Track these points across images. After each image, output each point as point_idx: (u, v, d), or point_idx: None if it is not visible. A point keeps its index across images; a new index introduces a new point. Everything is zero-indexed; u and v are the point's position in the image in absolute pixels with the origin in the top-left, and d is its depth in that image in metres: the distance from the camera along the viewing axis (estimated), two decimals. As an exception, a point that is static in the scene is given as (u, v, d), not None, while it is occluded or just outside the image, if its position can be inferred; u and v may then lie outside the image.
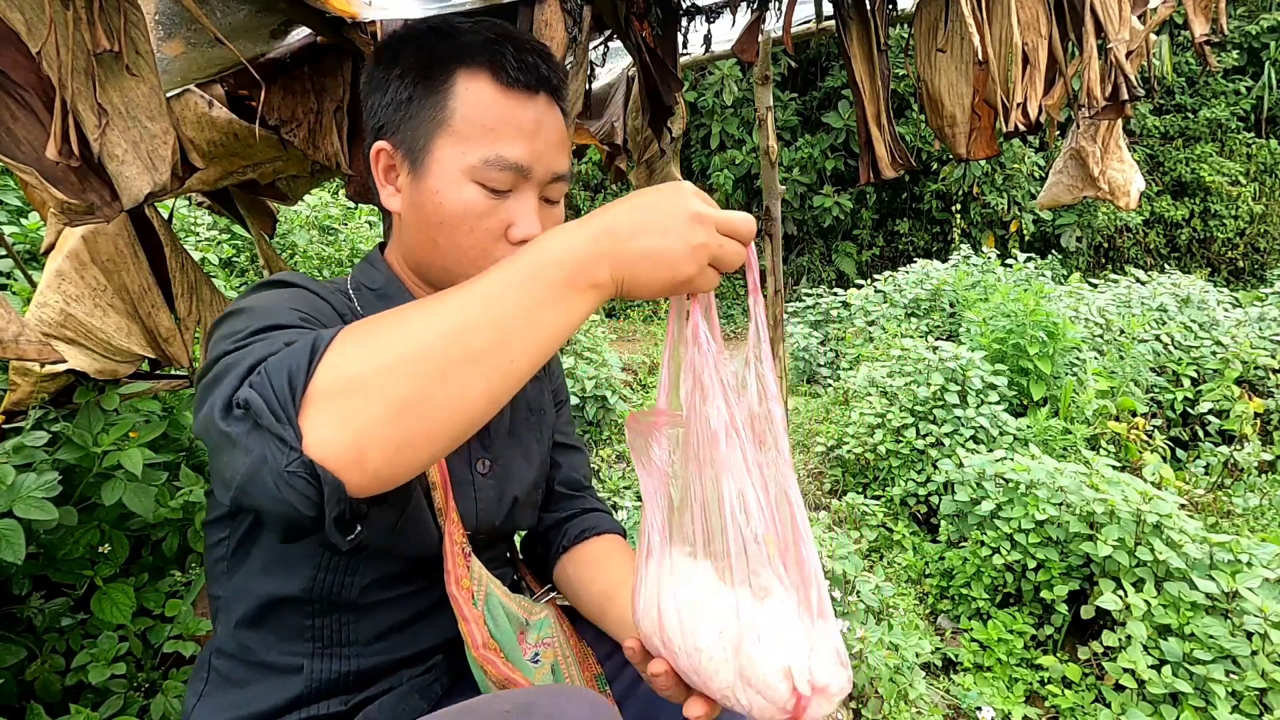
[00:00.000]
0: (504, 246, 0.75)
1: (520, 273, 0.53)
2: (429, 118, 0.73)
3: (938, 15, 1.43)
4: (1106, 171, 1.59)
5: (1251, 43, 9.28)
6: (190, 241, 2.77)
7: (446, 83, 0.72)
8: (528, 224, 0.75)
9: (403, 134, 0.75)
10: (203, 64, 1.14)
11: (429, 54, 0.74)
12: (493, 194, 0.73)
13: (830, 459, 3.70)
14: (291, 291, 0.72)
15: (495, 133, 0.72)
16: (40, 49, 0.80)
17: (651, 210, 0.56)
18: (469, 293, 0.53)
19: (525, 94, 0.74)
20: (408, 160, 0.75)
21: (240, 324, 0.62)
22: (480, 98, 0.72)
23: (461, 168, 0.72)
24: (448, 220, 0.74)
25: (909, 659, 1.97)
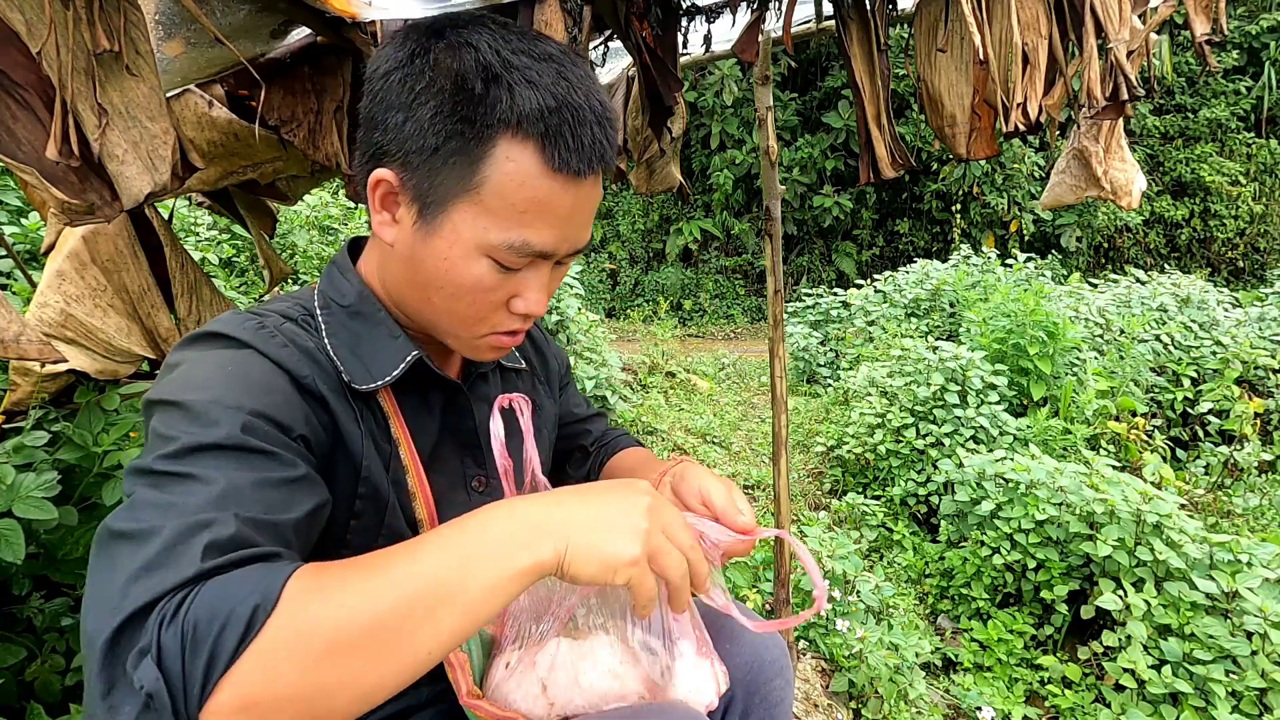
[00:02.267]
0: (502, 314, 0.70)
1: (464, 569, 0.52)
2: (455, 177, 0.63)
3: (938, 15, 1.43)
4: (1109, 171, 1.59)
5: (1251, 43, 9.29)
6: (190, 241, 2.77)
7: (485, 145, 0.61)
8: (534, 300, 0.69)
9: (417, 177, 0.64)
10: (203, 64, 1.14)
11: (473, 101, 0.61)
12: (504, 270, 0.66)
13: (830, 459, 3.71)
14: (235, 365, 0.62)
15: (526, 216, 0.63)
16: (40, 49, 0.80)
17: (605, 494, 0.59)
18: (407, 591, 0.50)
19: (573, 178, 0.64)
20: (416, 205, 0.65)
21: (171, 430, 0.56)
22: (520, 176, 0.62)
23: (479, 243, 0.64)
24: (450, 288, 0.67)
25: (909, 659, 1.97)
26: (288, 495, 0.57)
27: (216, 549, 0.49)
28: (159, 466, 0.53)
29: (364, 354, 0.71)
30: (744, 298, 10.36)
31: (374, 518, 0.70)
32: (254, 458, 0.56)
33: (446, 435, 0.79)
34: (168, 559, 0.48)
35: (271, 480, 0.56)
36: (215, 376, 0.60)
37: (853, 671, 1.96)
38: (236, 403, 0.58)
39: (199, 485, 0.53)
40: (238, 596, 0.47)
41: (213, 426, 0.56)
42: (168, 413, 0.57)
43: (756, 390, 5.62)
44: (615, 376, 4.14)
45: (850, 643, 2.02)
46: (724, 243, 10.77)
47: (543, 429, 0.96)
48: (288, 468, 0.58)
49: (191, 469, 0.53)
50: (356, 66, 1.30)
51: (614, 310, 10.64)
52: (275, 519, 0.55)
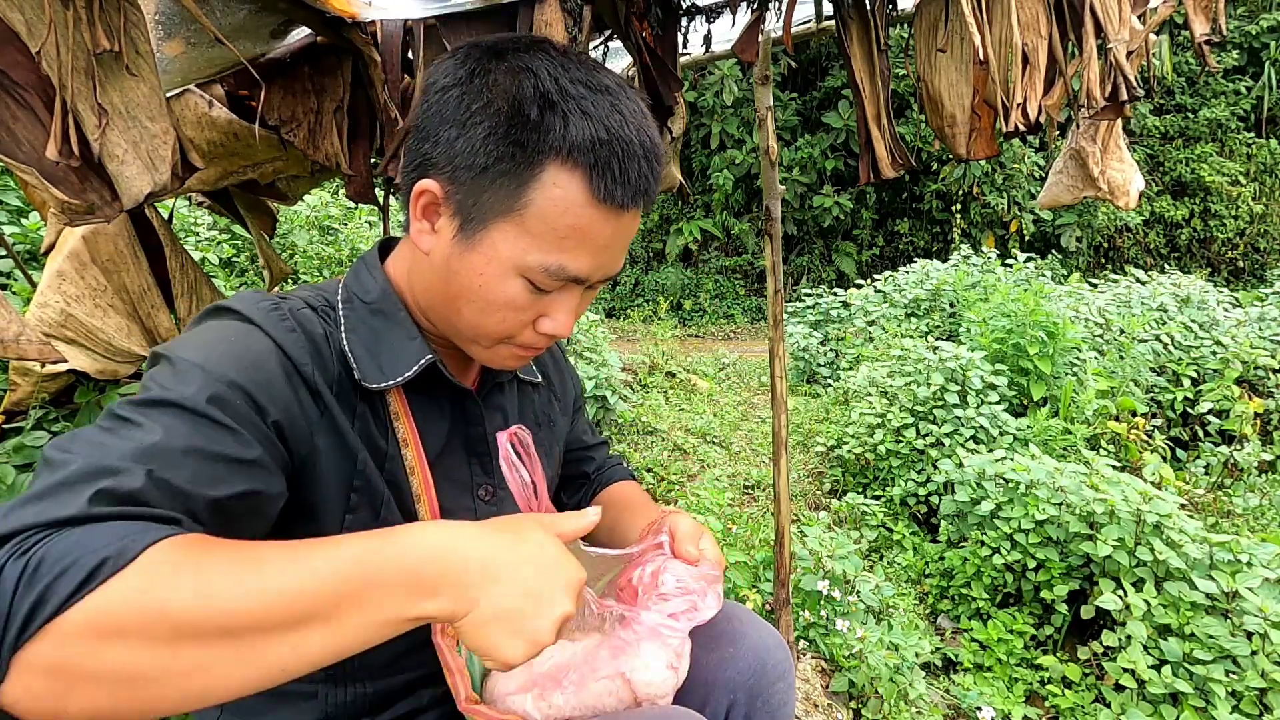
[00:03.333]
0: (528, 332, 0.71)
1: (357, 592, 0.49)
2: (500, 197, 0.64)
3: (938, 15, 1.43)
4: (1106, 171, 1.59)
5: (1251, 43, 9.29)
6: (190, 241, 2.77)
7: (534, 169, 0.63)
8: (562, 323, 0.71)
9: (462, 192, 0.65)
10: (203, 64, 1.14)
11: (528, 126, 0.62)
12: (537, 291, 0.68)
13: (830, 459, 3.71)
14: (235, 337, 0.63)
15: (567, 242, 0.65)
16: (40, 49, 0.80)
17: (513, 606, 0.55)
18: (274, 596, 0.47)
19: (616, 210, 0.65)
20: (457, 219, 0.67)
21: (150, 380, 0.58)
22: (565, 203, 0.63)
23: (517, 264, 0.65)
24: (482, 303, 0.68)
25: (909, 659, 1.97)
26: (221, 472, 0.56)
27: (109, 497, 0.48)
28: (120, 410, 0.55)
29: (379, 352, 0.72)
30: (744, 298, 10.36)
31: (369, 513, 0.71)
32: (206, 425, 0.56)
33: (456, 440, 0.80)
34: (58, 493, 0.48)
35: (210, 453, 0.55)
36: (211, 343, 0.62)
37: (853, 671, 1.96)
38: (218, 370, 0.59)
39: (136, 433, 0.53)
40: (93, 546, 0.44)
41: (183, 385, 0.57)
42: (158, 365, 0.60)
43: (756, 390, 5.62)
44: (615, 376, 4.14)
45: (850, 643, 2.02)
46: (724, 243, 10.77)
47: (554, 446, 0.96)
48: (239, 447, 0.57)
49: (142, 418, 0.54)
50: (356, 66, 1.30)
51: (614, 310, 10.65)
52: (192, 490, 0.53)
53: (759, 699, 0.84)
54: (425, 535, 0.53)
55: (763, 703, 0.84)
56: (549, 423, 0.96)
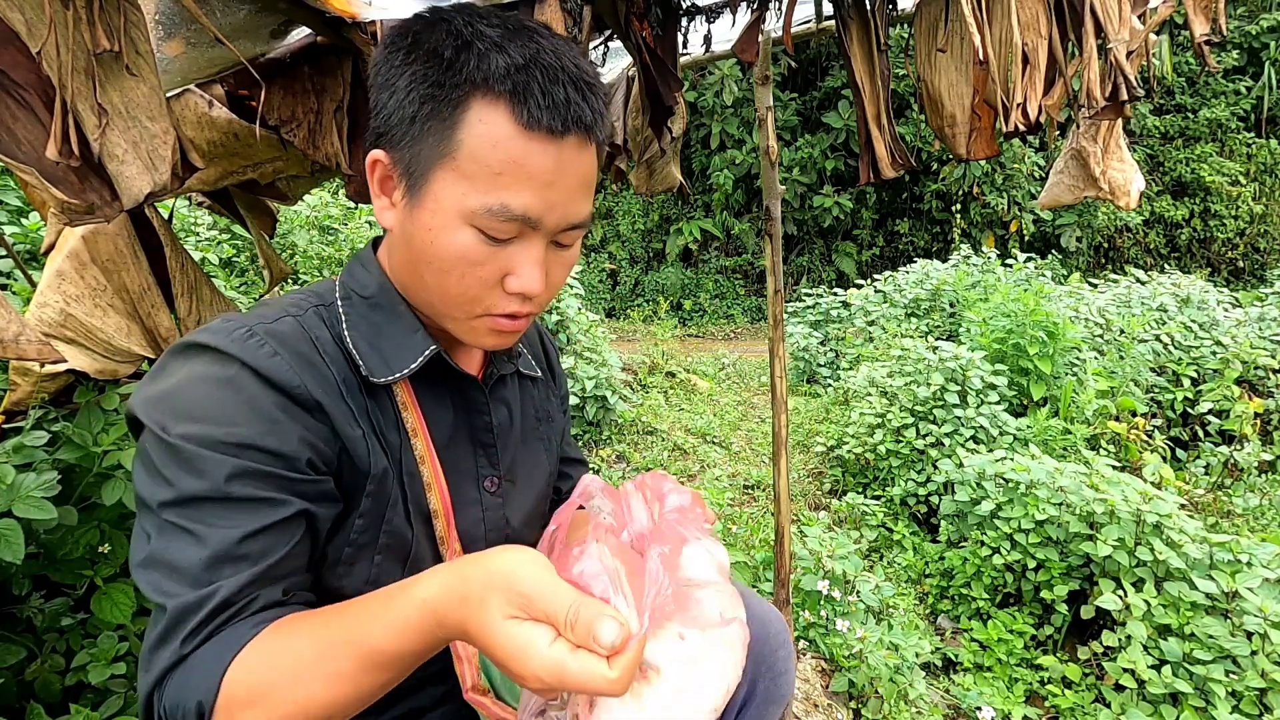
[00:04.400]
0: (497, 294, 0.68)
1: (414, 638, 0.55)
2: (432, 144, 0.63)
3: (938, 15, 1.43)
4: (1107, 171, 1.59)
5: (1251, 43, 9.29)
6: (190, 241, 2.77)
7: (458, 109, 0.62)
8: (529, 276, 0.67)
9: (403, 151, 0.65)
10: (203, 64, 1.14)
11: (444, 67, 0.62)
12: (492, 241, 0.65)
13: (830, 459, 3.71)
14: (221, 389, 0.61)
15: (503, 179, 0.62)
16: (40, 49, 0.80)
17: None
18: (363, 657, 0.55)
19: (548, 137, 0.62)
20: (405, 181, 0.66)
21: (167, 470, 0.59)
22: (493, 136, 0.61)
23: (459, 210, 0.63)
24: (437, 261, 0.66)
25: (909, 659, 1.97)
26: (275, 536, 0.61)
27: (200, 627, 0.57)
28: (163, 515, 0.59)
29: (383, 346, 0.71)
30: (744, 298, 10.36)
31: (375, 515, 0.70)
32: (238, 506, 0.60)
33: (462, 431, 0.79)
34: (167, 638, 0.57)
35: (258, 529, 0.60)
36: (200, 403, 0.61)
37: (853, 671, 1.96)
38: (225, 439, 0.59)
39: (193, 544, 0.58)
40: (190, 690, 0.55)
41: (199, 476, 0.59)
42: (161, 447, 0.60)
43: (756, 390, 5.62)
44: (615, 376, 4.14)
45: (850, 643, 2.02)
46: (724, 243, 10.77)
47: (554, 440, 0.96)
48: (276, 509, 0.61)
49: (186, 523, 0.58)
50: (356, 66, 1.30)
51: (614, 310, 10.65)
52: (263, 566, 0.60)
53: (763, 665, 0.86)
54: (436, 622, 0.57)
55: (767, 668, 0.86)
56: (548, 418, 0.95)
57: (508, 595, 0.51)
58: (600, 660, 0.48)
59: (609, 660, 0.48)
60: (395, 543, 0.71)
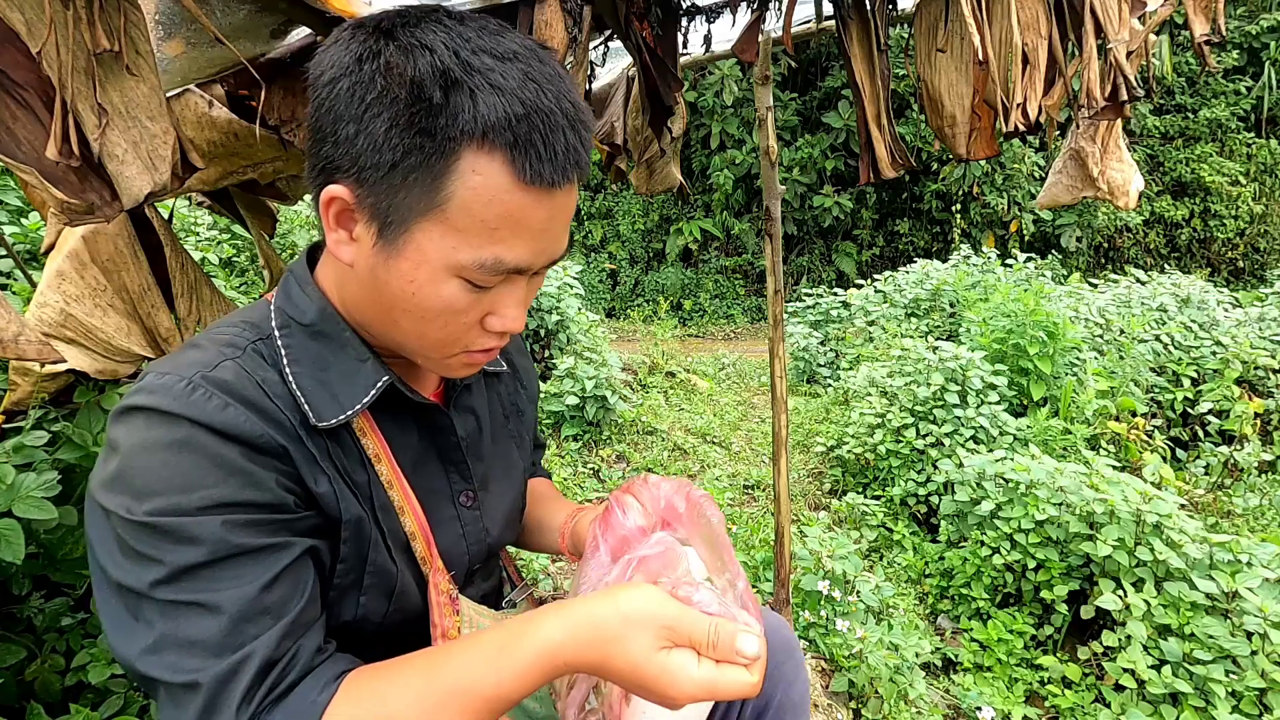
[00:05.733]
0: (476, 333, 0.65)
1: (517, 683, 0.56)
2: (416, 194, 0.57)
3: (938, 15, 1.43)
4: (1106, 171, 1.59)
5: (1251, 43, 9.29)
6: (190, 241, 2.77)
7: (448, 159, 0.56)
8: (512, 317, 0.65)
9: (376, 195, 0.58)
10: (203, 64, 1.14)
11: (432, 112, 0.55)
12: (476, 289, 0.61)
13: (830, 459, 3.71)
14: (177, 456, 0.56)
15: (499, 233, 0.58)
16: (40, 49, 0.80)
17: (643, 688, 0.57)
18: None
19: (546, 190, 0.58)
20: (376, 224, 0.59)
21: (149, 550, 0.54)
22: (489, 190, 0.56)
23: (448, 263, 0.59)
24: (418, 311, 0.62)
25: (909, 659, 1.97)
26: (291, 582, 0.59)
27: (250, 691, 0.53)
28: (158, 595, 0.54)
29: (331, 381, 0.66)
30: (744, 298, 10.36)
31: (357, 557, 0.67)
32: (246, 559, 0.56)
33: (429, 452, 0.77)
34: (213, 711, 0.52)
35: (271, 579, 0.57)
36: (160, 474, 0.55)
37: (853, 671, 1.96)
38: (200, 504, 0.55)
39: (206, 615, 0.54)
40: None
41: (191, 543, 0.54)
42: (135, 530, 0.54)
43: (756, 390, 5.62)
44: (615, 376, 4.14)
45: (850, 643, 2.02)
46: (724, 243, 10.77)
47: (525, 434, 0.94)
48: (282, 553, 0.58)
49: (191, 596, 0.54)
50: (356, 66, 1.29)
51: (614, 310, 10.65)
52: (291, 616, 0.57)
53: (774, 675, 0.88)
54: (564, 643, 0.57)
55: (779, 677, 0.88)
56: (517, 412, 0.93)
57: (654, 630, 0.55)
58: (743, 669, 0.56)
59: (749, 668, 0.56)
60: (380, 580, 0.69)
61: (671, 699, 0.54)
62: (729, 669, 0.55)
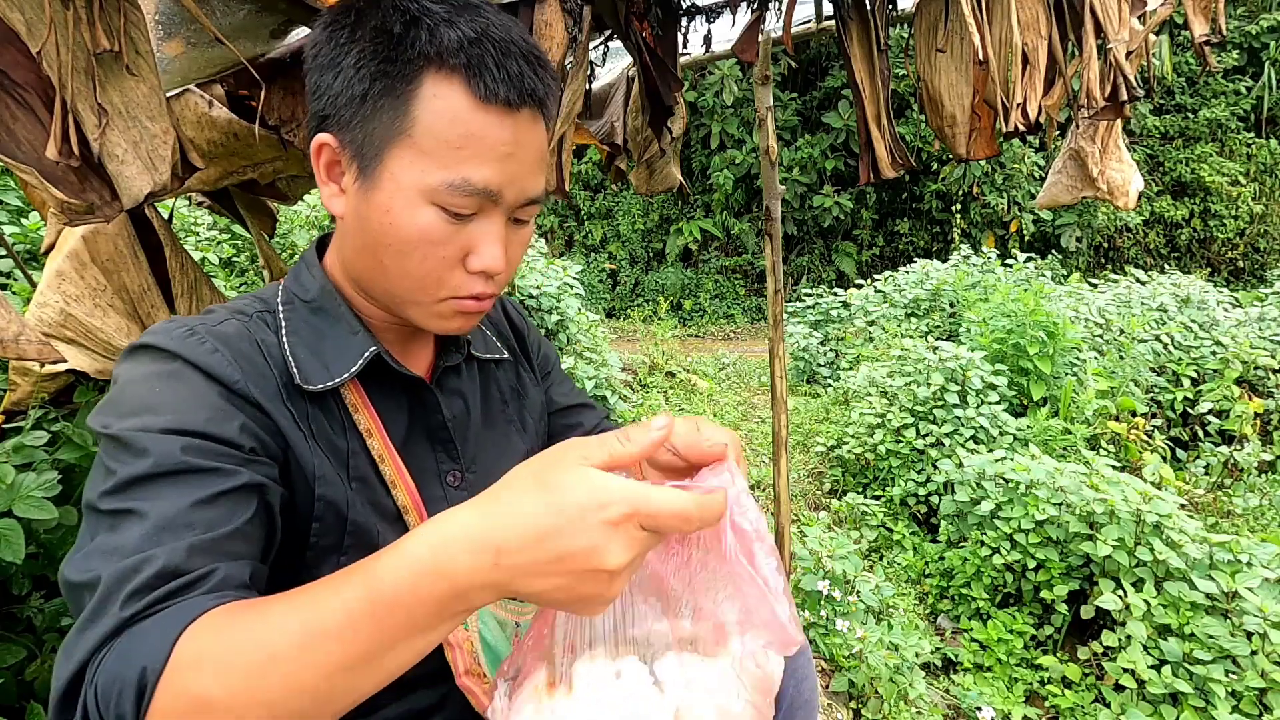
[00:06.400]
0: (460, 274, 0.68)
1: (386, 606, 0.47)
2: (386, 122, 0.62)
3: (938, 15, 1.43)
4: (1105, 172, 1.59)
5: (1251, 43, 9.29)
6: (190, 241, 2.77)
7: (411, 84, 0.62)
8: (490, 254, 0.67)
9: (353, 132, 0.64)
10: (203, 64, 1.14)
11: (393, 42, 0.62)
12: (453, 218, 0.64)
13: (830, 459, 3.71)
14: (162, 382, 0.60)
15: (463, 152, 0.62)
16: (40, 49, 0.80)
17: (552, 544, 0.46)
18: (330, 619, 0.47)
19: (504, 110, 0.63)
20: (356, 163, 0.65)
21: (111, 462, 0.56)
22: (449, 110, 0.62)
23: (419, 188, 0.63)
24: (397, 243, 0.65)
25: (909, 659, 1.97)
26: (228, 507, 0.57)
27: (140, 591, 0.50)
28: (101, 505, 0.54)
29: (323, 351, 0.70)
30: (744, 298, 10.36)
31: (335, 516, 0.68)
32: (188, 477, 0.56)
33: (418, 430, 0.78)
34: (101, 610, 0.49)
35: (206, 497, 0.56)
36: (144, 398, 0.59)
37: (853, 671, 1.96)
38: (167, 426, 0.57)
39: (135, 521, 0.53)
40: (134, 656, 0.46)
41: (143, 456, 0.55)
42: (106, 444, 0.58)
43: (756, 390, 5.62)
44: (615, 376, 4.15)
45: (850, 643, 2.02)
46: (724, 243, 10.77)
47: (529, 418, 0.93)
48: (225, 479, 0.57)
49: (128, 504, 0.54)
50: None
51: (614, 310, 10.65)
52: (214, 534, 0.54)
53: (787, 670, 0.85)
54: (420, 550, 0.49)
55: (790, 673, 0.85)
56: (518, 396, 0.92)
57: (573, 452, 0.50)
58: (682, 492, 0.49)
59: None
60: (360, 541, 0.70)
61: (601, 518, 0.46)
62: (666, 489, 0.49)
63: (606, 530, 0.47)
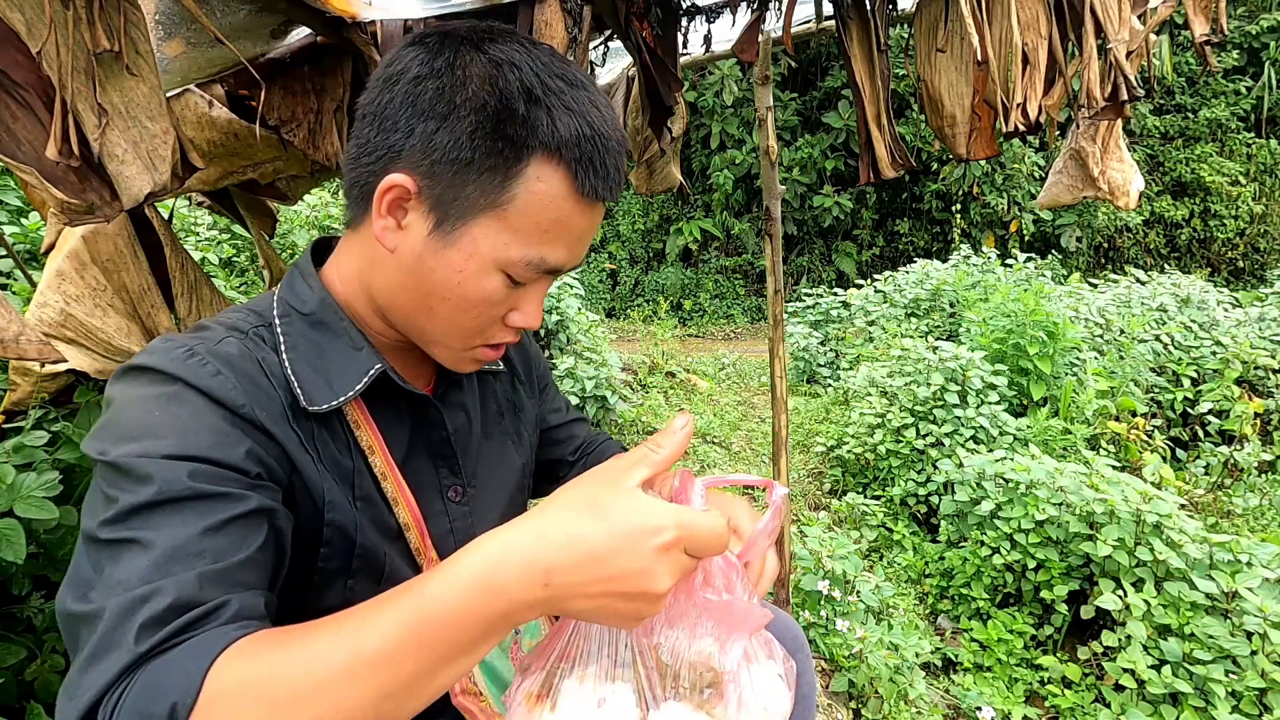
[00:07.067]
0: (498, 328, 0.71)
1: (438, 626, 0.47)
2: (484, 191, 0.63)
3: (938, 15, 1.43)
4: (1106, 171, 1.59)
5: (1251, 43, 9.29)
6: (190, 241, 2.77)
7: (518, 164, 0.62)
8: (531, 315, 0.71)
9: (439, 186, 0.63)
10: (203, 64, 1.14)
11: (511, 119, 0.61)
12: (514, 284, 0.68)
13: (830, 459, 3.71)
14: (161, 407, 0.58)
15: (548, 234, 0.65)
16: (40, 49, 0.80)
17: (605, 567, 0.48)
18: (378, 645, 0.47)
19: (593, 204, 0.67)
20: (433, 216, 0.64)
21: (110, 489, 0.54)
22: (548, 197, 0.64)
23: (498, 259, 0.65)
24: (458, 300, 0.67)
25: (909, 659, 1.97)
26: (238, 534, 0.55)
27: (153, 624, 0.48)
28: (102, 534, 0.52)
29: (325, 368, 0.68)
30: (744, 298, 10.36)
31: (343, 539, 0.68)
32: (195, 504, 0.54)
33: (419, 445, 0.78)
34: (109, 644, 0.48)
35: (215, 524, 0.54)
36: (143, 422, 0.57)
37: (853, 671, 1.96)
38: (168, 450, 0.55)
39: (139, 551, 0.51)
40: (160, 691, 0.45)
41: (145, 482, 0.53)
42: (104, 471, 0.56)
43: (756, 390, 5.62)
44: (615, 376, 4.14)
45: (850, 643, 2.02)
46: (724, 243, 10.77)
47: (524, 430, 0.94)
48: (234, 504, 0.56)
49: (131, 533, 0.52)
50: (356, 66, 1.30)
51: (614, 310, 10.65)
52: (225, 564, 0.53)
53: None
54: (489, 580, 0.49)
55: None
56: (514, 409, 0.93)
57: (620, 473, 0.53)
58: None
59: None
60: (368, 564, 0.69)
61: (650, 542, 0.49)
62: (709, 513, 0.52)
63: (658, 555, 0.49)
